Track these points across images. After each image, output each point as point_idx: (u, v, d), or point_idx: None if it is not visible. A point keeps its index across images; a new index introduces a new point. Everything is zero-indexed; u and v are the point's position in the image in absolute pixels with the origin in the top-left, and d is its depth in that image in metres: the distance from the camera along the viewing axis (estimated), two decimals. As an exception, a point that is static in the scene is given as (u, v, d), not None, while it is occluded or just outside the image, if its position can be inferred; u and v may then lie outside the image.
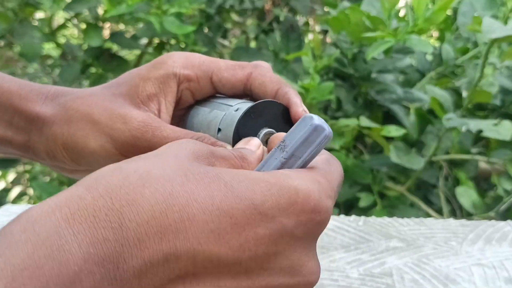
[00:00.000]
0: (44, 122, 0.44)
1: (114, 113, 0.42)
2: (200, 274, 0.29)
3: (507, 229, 0.76)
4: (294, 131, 0.34)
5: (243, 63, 0.45)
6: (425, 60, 1.50)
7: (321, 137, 0.34)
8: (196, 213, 0.28)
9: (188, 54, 0.45)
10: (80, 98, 0.44)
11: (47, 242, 0.25)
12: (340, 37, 1.40)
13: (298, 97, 0.42)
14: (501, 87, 1.36)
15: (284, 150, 0.34)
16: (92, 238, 0.26)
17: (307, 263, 0.32)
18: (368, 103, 1.43)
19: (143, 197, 0.28)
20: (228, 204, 0.29)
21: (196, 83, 0.44)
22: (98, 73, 1.64)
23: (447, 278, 0.64)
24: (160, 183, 0.29)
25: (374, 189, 1.34)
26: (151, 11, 1.37)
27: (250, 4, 1.75)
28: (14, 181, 1.90)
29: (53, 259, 0.25)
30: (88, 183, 0.29)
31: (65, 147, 0.43)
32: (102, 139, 0.42)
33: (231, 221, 0.29)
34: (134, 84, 0.44)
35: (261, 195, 0.30)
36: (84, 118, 0.43)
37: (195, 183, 0.29)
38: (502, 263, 0.67)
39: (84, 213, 0.27)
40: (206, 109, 0.44)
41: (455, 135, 1.34)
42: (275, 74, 0.45)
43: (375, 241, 0.73)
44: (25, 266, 0.24)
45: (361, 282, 0.63)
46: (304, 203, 0.31)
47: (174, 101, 0.45)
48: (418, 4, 1.19)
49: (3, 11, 1.52)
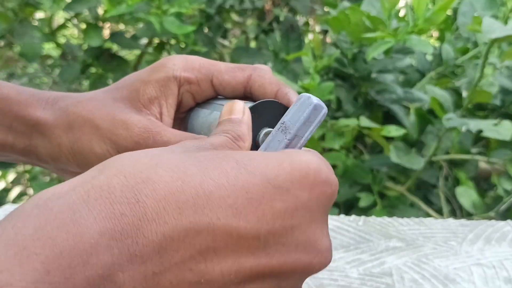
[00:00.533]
0: (46, 127, 0.44)
1: (115, 119, 0.42)
2: (220, 250, 0.29)
3: (507, 229, 0.76)
4: (294, 111, 0.35)
5: (243, 65, 0.45)
6: (425, 60, 1.50)
7: (320, 115, 0.35)
8: (213, 190, 0.28)
9: (188, 57, 0.46)
10: (81, 103, 0.44)
11: (60, 215, 0.25)
12: (340, 37, 1.40)
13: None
14: (501, 87, 1.36)
15: (287, 132, 0.35)
16: (108, 213, 0.26)
17: (322, 239, 0.33)
18: (368, 103, 1.43)
19: (158, 175, 0.28)
20: (243, 179, 0.29)
21: (196, 85, 0.45)
22: (98, 73, 1.64)
23: (446, 278, 0.64)
24: (173, 163, 0.29)
25: (374, 189, 1.34)
26: (151, 11, 1.37)
27: (250, 4, 1.75)
28: (14, 181, 1.90)
29: (67, 231, 0.25)
30: (100, 167, 0.29)
31: (70, 152, 0.43)
32: (106, 144, 0.42)
33: (247, 196, 0.29)
34: (134, 88, 0.44)
35: (274, 170, 0.30)
36: (87, 124, 0.43)
37: (207, 162, 0.30)
38: (502, 263, 0.67)
39: (99, 190, 0.27)
40: (206, 110, 0.45)
41: (455, 135, 1.34)
42: (275, 76, 0.45)
43: (375, 241, 0.73)
44: (37, 236, 0.24)
45: (360, 282, 0.63)
46: (316, 175, 0.31)
47: (175, 103, 0.45)
48: (418, 4, 1.19)
49: (3, 11, 1.52)
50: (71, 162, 0.44)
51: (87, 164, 0.43)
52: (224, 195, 0.29)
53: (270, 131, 0.42)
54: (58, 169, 0.46)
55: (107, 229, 0.25)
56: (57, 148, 0.44)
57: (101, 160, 0.42)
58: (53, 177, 2.01)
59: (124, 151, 0.42)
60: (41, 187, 1.48)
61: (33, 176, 1.97)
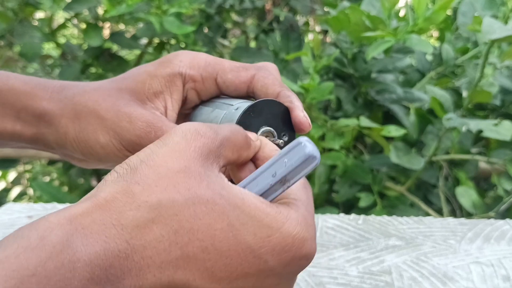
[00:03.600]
0: (52, 117, 0.45)
1: (120, 111, 0.43)
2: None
3: (506, 228, 0.76)
4: (286, 156, 0.35)
5: (247, 64, 0.46)
6: (425, 60, 1.50)
7: (312, 165, 0.34)
8: (196, 252, 0.30)
9: (195, 54, 0.46)
10: (87, 93, 0.45)
11: (61, 255, 0.27)
12: (340, 37, 1.40)
13: (299, 102, 0.43)
14: (501, 87, 1.36)
15: (276, 175, 0.35)
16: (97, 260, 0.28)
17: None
18: (368, 103, 1.43)
19: (152, 232, 0.30)
20: (228, 246, 0.31)
21: (201, 83, 0.45)
22: (98, 73, 1.64)
23: (445, 276, 0.64)
24: (169, 218, 0.30)
25: (374, 189, 1.34)
26: (151, 11, 1.37)
27: (250, 3, 1.75)
28: (14, 181, 1.90)
29: (61, 274, 0.27)
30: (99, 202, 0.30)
31: (76, 141, 0.44)
32: (110, 135, 0.43)
33: (226, 262, 0.31)
34: (141, 80, 0.45)
35: (260, 241, 0.32)
36: (92, 114, 0.43)
37: (201, 217, 0.31)
38: (500, 261, 0.67)
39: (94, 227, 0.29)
40: (208, 108, 0.45)
41: (455, 135, 1.34)
42: (279, 77, 0.45)
43: (375, 239, 0.73)
44: (35, 272, 0.26)
45: (360, 280, 0.63)
46: (297, 251, 0.33)
47: (180, 99, 0.45)
48: (418, 4, 1.18)
49: (3, 11, 1.52)
50: (76, 150, 0.45)
51: (91, 153, 0.44)
52: (205, 258, 0.31)
53: (268, 130, 0.42)
54: (65, 155, 0.47)
55: (95, 275, 0.28)
56: (63, 136, 0.45)
57: (105, 149, 0.44)
58: (53, 177, 2.01)
59: (127, 143, 0.43)
60: (41, 187, 1.47)
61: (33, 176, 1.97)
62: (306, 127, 0.43)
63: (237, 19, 1.88)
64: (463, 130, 1.32)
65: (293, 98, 0.43)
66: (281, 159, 0.34)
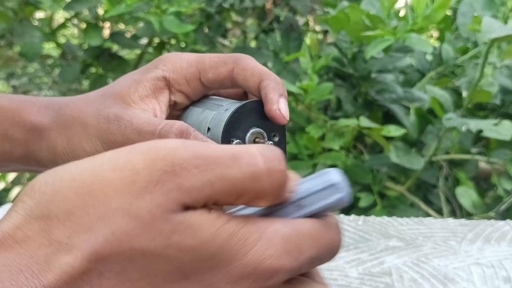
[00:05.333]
0: (42, 130, 0.44)
1: (100, 114, 0.42)
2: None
3: (506, 229, 0.76)
4: (310, 181, 0.30)
5: (225, 57, 0.44)
6: (425, 60, 1.50)
7: (335, 197, 0.29)
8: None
9: (179, 56, 0.45)
10: (73, 102, 0.44)
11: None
12: (339, 37, 1.39)
13: (276, 92, 0.40)
14: (501, 87, 1.36)
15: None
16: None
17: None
18: (368, 103, 1.43)
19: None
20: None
21: (186, 86, 0.45)
22: (98, 73, 1.64)
23: (446, 277, 0.64)
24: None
25: (374, 189, 1.34)
26: (150, 10, 1.37)
27: (250, 2, 1.75)
28: (14, 181, 1.90)
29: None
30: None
31: (65, 153, 0.43)
32: (93, 142, 0.42)
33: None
34: (126, 85, 0.44)
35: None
36: (76, 122, 0.43)
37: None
38: (501, 262, 0.67)
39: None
40: (199, 109, 0.45)
41: (455, 135, 1.34)
42: (258, 64, 0.43)
43: (374, 240, 0.73)
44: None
45: (360, 281, 0.63)
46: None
47: (167, 101, 0.45)
48: (418, 2, 1.18)
49: (3, 11, 1.52)
50: (67, 163, 0.43)
51: None
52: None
53: (258, 131, 0.42)
54: None
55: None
56: (53, 150, 0.44)
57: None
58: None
59: (112, 145, 0.41)
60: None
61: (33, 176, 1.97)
62: (281, 121, 0.40)
63: (237, 18, 1.88)
64: (463, 130, 1.32)
65: (269, 89, 0.41)
66: (304, 183, 0.30)
